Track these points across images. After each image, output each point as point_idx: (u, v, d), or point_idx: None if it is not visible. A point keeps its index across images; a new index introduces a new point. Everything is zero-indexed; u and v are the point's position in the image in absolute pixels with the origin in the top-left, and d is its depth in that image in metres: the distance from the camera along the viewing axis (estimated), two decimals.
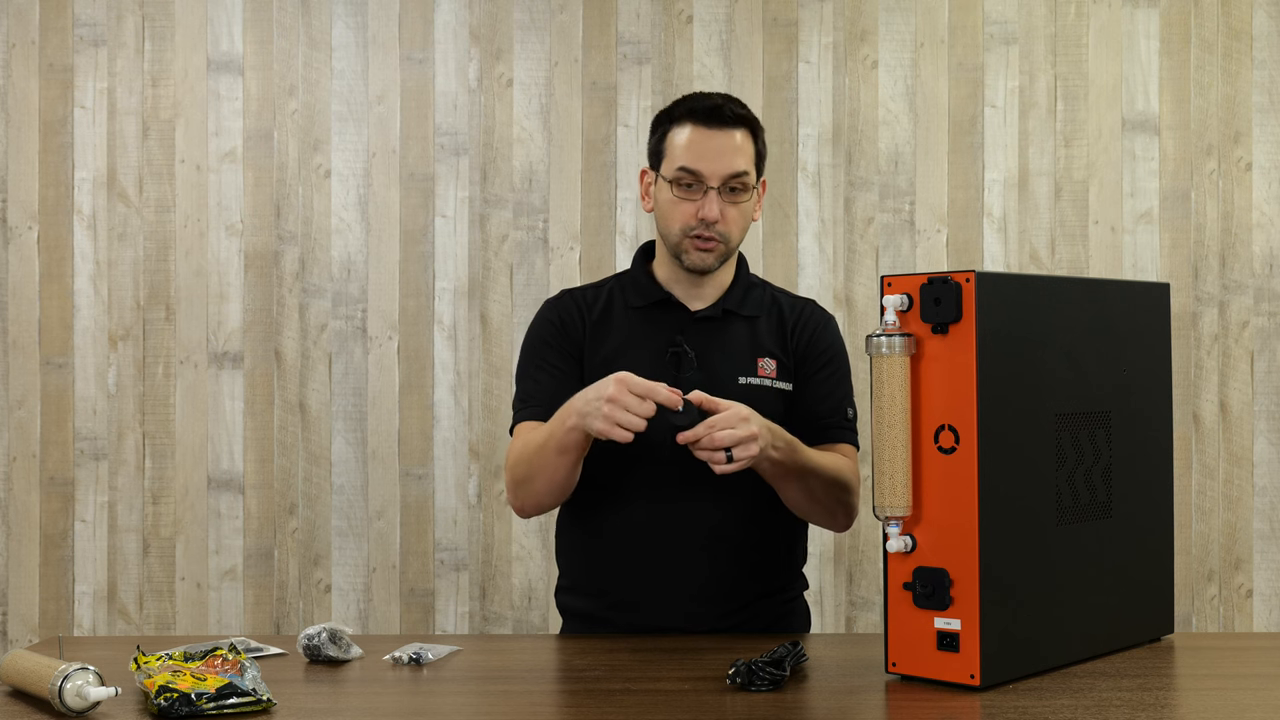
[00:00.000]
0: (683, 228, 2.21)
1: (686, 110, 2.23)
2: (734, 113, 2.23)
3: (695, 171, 2.20)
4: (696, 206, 2.20)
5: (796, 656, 1.84)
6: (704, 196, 2.20)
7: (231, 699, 1.68)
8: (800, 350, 2.30)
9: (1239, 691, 1.79)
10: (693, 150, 2.20)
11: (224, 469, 3.50)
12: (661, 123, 2.27)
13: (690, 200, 2.20)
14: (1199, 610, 3.48)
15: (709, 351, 2.24)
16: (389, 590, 3.49)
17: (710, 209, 2.19)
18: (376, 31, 3.51)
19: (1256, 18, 3.50)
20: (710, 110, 2.21)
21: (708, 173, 2.19)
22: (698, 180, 2.20)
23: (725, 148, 2.20)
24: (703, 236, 2.21)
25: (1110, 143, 3.50)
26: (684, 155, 2.20)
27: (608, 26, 3.51)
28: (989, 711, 1.66)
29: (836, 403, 2.29)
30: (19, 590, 3.49)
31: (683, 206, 2.21)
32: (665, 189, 2.23)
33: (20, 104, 3.51)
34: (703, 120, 2.21)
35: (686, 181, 2.20)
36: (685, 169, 2.20)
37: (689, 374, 2.20)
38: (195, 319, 3.50)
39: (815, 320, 2.34)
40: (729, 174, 2.20)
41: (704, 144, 2.20)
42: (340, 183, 3.51)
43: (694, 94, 2.29)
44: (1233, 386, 3.49)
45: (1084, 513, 1.89)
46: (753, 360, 2.26)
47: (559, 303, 2.34)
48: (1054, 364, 1.85)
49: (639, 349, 2.24)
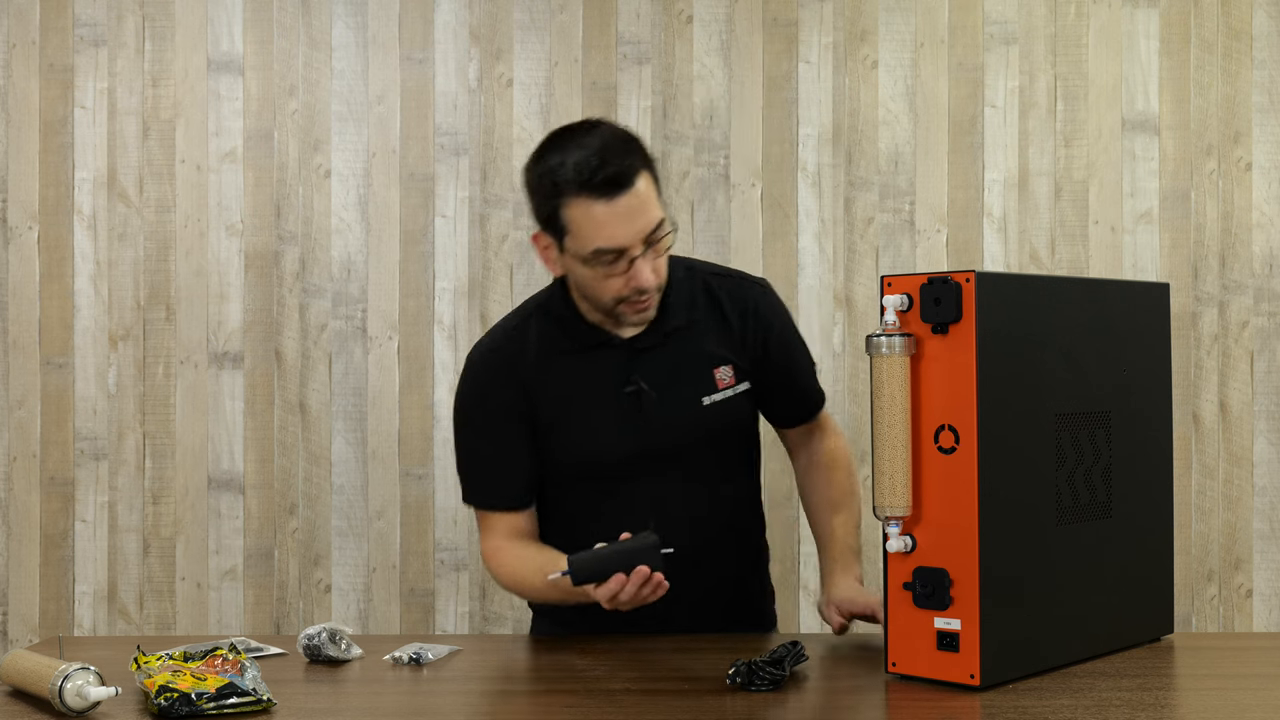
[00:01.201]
0: (614, 298, 2.05)
1: (578, 183, 1.98)
2: (627, 164, 1.99)
3: (613, 250, 1.99)
4: (625, 278, 2.02)
5: (796, 656, 1.84)
6: (630, 266, 2.01)
7: (231, 699, 1.68)
8: (759, 344, 2.20)
9: (1239, 691, 1.79)
10: (604, 229, 1.98)
11: (224, 469, 3.50)
12: (548, 192, 2.02)
13: (615, 274, 2.02)
14: (1199, 610, 3.48)
15: (664, 380, 2.13)
16: (389, 590, 3.49)
17: (643, 277, 2.01)
18: (376, 31, 3.52)
19: (1256, 18, 3.50)
20: (606, 181, 1.97)
21: (628, 244, 1.99)
22: (617, 255, 2.00)
23: (634, 208, 1.98)
24: (637, 300, 2.05)
25: (1110, 143, 3.50)
26: (595, 236, 1.99)
27: (608, 26, 3.51)
28: (989, 711, 1.66)
29: (806, 380, 2.27)
30: (19, 590, 3.49)
31: (609, 282, 2.03)
32: (578, 266, 2.04)
33: (20, 104, 3.51)
34: (602, 193, 1.97)
35: (606, 260, 2.01)
36: (602, 250, 2.00)
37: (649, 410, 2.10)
38: (195, 319, 3.50)
39: (758, 304, 2.21)
40: (648, 233, 2.01)
41: (612, 217, 1.97)
42: (340, 183, 3.51)
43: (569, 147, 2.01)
44: (1233, 386, 3.49)
45: (1084, 513, 1.89)
46: (709, 375, 2.15)
47: (485, 364, 2.16)
48: (1054, 364, 1.85)
49: (592, 399, 2.12)
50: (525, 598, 2.22)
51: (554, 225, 2.03)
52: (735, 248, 3.49)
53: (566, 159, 2.00)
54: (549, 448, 2.15)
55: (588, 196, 1.97)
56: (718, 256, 3.47)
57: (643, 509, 2.07)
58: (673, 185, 3.49)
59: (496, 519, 2.18)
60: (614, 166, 1.98)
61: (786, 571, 3.45)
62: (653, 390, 2.11)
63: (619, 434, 2.11)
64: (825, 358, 3.47)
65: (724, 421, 2.17)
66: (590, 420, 2.10)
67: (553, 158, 2.02)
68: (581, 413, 2.11)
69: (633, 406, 2.12)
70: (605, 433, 2.11)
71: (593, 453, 2.12)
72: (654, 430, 2.12)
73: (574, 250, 2.02)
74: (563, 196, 1.99)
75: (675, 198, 3.47)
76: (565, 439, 2.13)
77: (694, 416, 2.13)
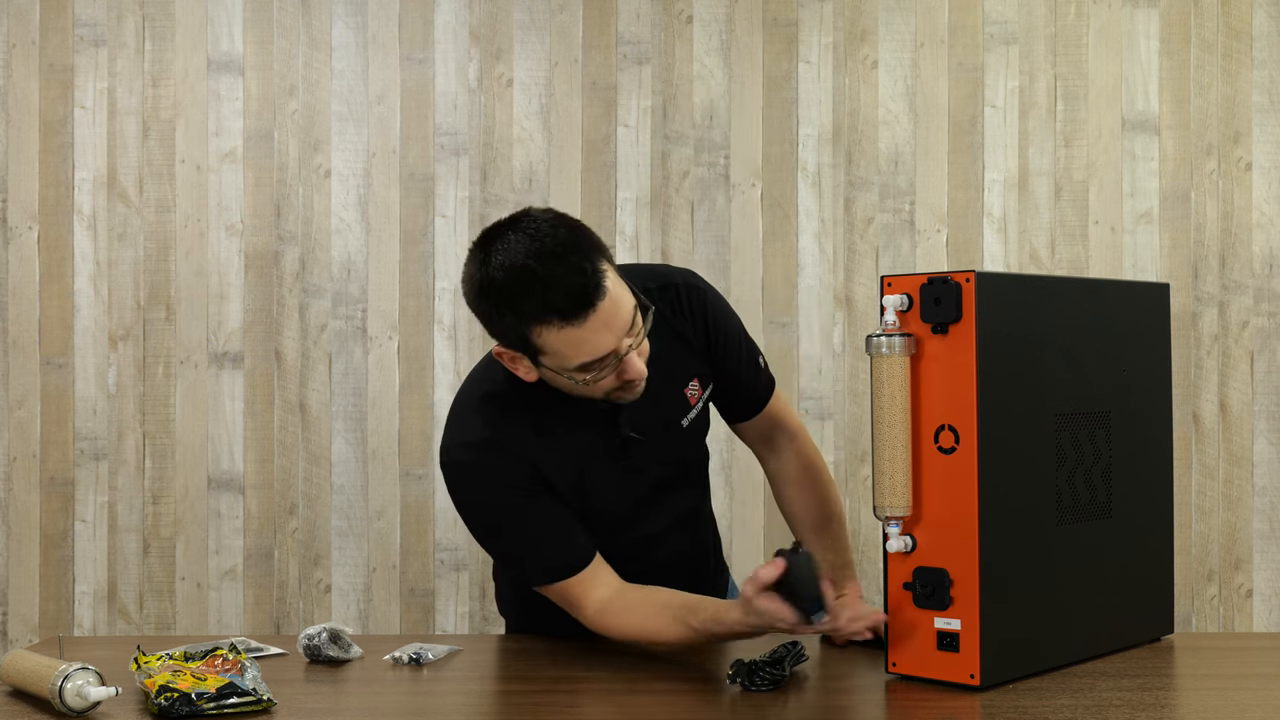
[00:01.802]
0: (604, 393, 1.95)
1: (545, 315, 1.82)
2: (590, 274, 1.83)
3: (597, 360, 1.87)
4: (614, 377, 1.91)
5: (796, 656, 1.84)
6: (618, 364, 1.89)
7: (231, 699, 1.68)
8: (711, 346, 2.13)
9: (1239, 691, 1.79)
10: (586, 347, 1.85)
11: (224, 469, 3.50)
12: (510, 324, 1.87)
13: (604, 375, 1.90)
14: (1199, 610, 3.48)
15: (646, 417, 2.06)
16: (389, 590, 3.49)
17: (635, 369, 1.90)
18: (376, 31, 3.51)
19: (1256, 18, 3.50)
20: (575, 303, 1.82)
21: (611, 347, 1.87)
22: (600, 363, 1.88)
23: (609, 318, 1.85)
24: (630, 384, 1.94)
25: (1110, 143, 3.50)
26: (577, 355, 1.86)
27: (608, 26, 3.51)
28: (989, 711, 1.66)
29: (754, 369, 2.19)
30: (19, 590, 3.49)
31: (599, 384, 1.92)
32: (559, 378, 1.92)
33: (20, 104, 3.51)
34: (568, 317, 1.82)
35: (594, 369, 1.88)
36: (587, 365, 1.87)
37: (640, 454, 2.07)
38: (195, 319, 3.50)
39: (704, 305, 2.11)
40: (627, 328, 1.88)
41: (591, 333, 1.84)
42: (340, 183, 3.51)
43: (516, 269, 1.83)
44: (1233, 386, 3.49)
45: (1084, 513, 1.89)
46: (681, 396, 2.10)
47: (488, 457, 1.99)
48: (1054, 364, 1.85)
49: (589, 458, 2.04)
50: (657, 645, 2.00)
51: (525, 347, 1.89)
52: (735, 248, 3.49)
53: (519, 286, 1.83)
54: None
55: (558, 324, 1.83)
56: (717, 257, 3.47)
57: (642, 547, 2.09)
58: (672, 185, 3.49)
59: (581, 581, 2.00)
60: (577, 280, 1.82)
61: None
62: (639, 434, 2.06)
63: (619, 486, 2.08)
64: (825, 358, 3.47)
65: (698, 434, 2.16)
66: (592, 478, 2.05)
67: (505, 288, 1.85)
68: (585, 474, 2.05)
69: (623, 455, 2.07)
70: (606, 486, 2.06)
71: (601, 509, 2.08)
72: (648, 469, 2.10)
73: (554, 367, 1.89)
74: (530, 327, 1.85)
75: (675, 198, 3.48)
76: (576, 504, 2.08)
77: (671, 441, 2.11)
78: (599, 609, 1.99)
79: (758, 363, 2.19)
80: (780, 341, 3.46)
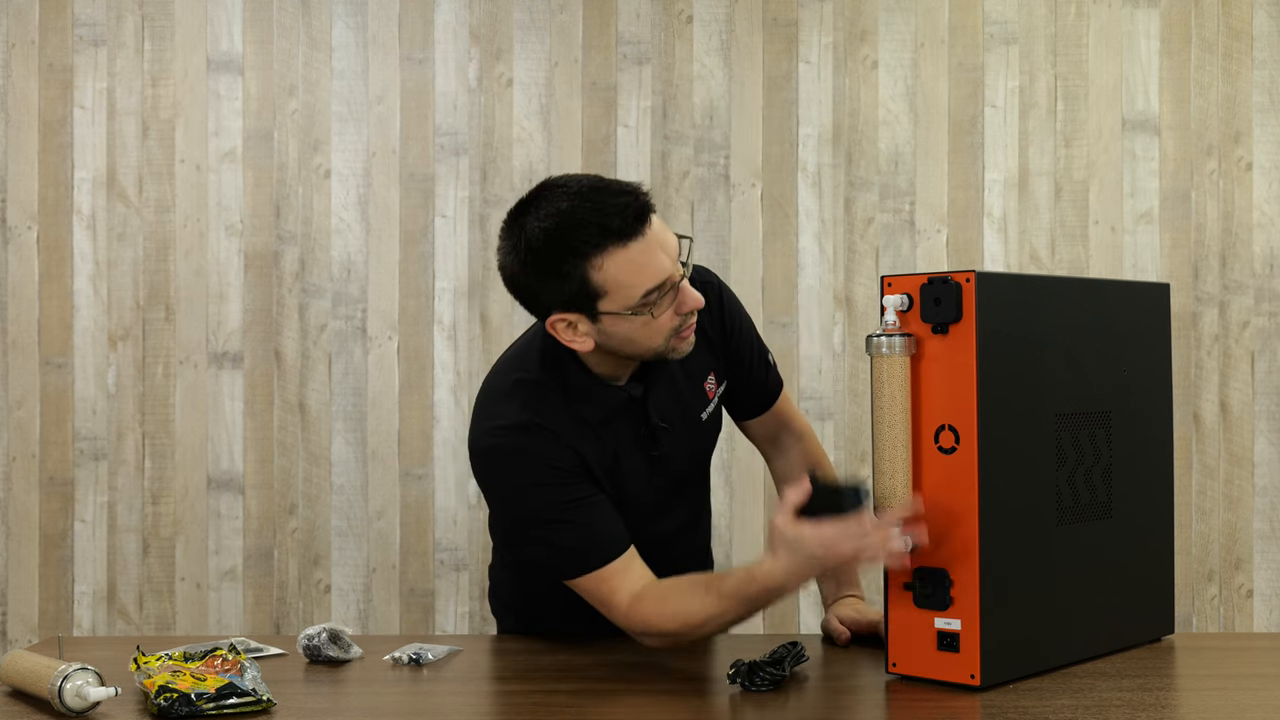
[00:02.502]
0: (667, 335, 1.93)
1: (605, 238, 1.85)
2: (640, 198, 1.88)
3: (661, 285, 1.88)
4: (673, 308, 1.91)
5: (796, 656, 1.84)
6: (676, 294, 1.90)
7: (231, 699, 1.67)
8: (727, 339, 2.15)
9: (1239, 691, 1.79)
10: (648, 269, 1.86)
11: (224, 469, 3.50)
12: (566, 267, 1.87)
13: (664, 309, 1.90)
14: (1199, 610, 3.48)
15: (670, 410, 2.07)
16: (389, 590, 3.49)
17: (693, 297, 1.92)
18: (376, 31, 3.51)
19: (1256, 18, 3.50)
20: (630, 219, 1.85)
21: (671, 271, 1.88)
22: (663, 289, 1.89)
23: (661, 236, 1.88)
24: (688, 326, 1.95)
25: (1110, 143, 3.50)
26: (641, 280, 1.86)
27: (608, 26, 3.51)
28: (989, 711, 1.66)
29: (764, 368, 2.21)
30: (19, 590, 3.49)
31: (660, 320, 1.91)
32: (624, 322, 1.90)
33: (20, 104, 3.51)
34: (628, 235, 1.84)
35: (655, 298, 1.88)
36: (651, 290, 1.87)
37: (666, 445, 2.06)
38: (195, 319, 3.50)
39: (721, 298, 2.13)
40: (677, 253, 1.91)
41: (650, 253, 1.86)
42: (340, 183, 3.51)
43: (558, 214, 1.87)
44: (1233, 386, 3.49)
45: (1084, 513, 1.89)
46: (701, 391, 2.11)
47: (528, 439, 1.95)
48: (1054, 364, 1.85)
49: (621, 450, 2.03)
50: (698, 633, 1.92)
51: (582, 297, 1.88)
52: (735, 248, 3.49)
53: (570, 223, 1.86)
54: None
55: (618, 245, 1.84)
56: (717, 256, 3.47)
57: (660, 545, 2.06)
58: (673, 185, 3.49)
59: (616, 573, 1.94)
60: (626, 200, 1.86)
61: None
62: (667, 424, 2.06)
63: (648, 476, 2.08)
64: (825, 358, 3.47)
65: (713, 430, 2.17)
66: (625, 467, 2.05)
67: (556, 233, 1.87)
68: (619, 462, 2.04)
69: (652, 445, 2.07)
70: (637, 476, 2.06)
71: (632, 499, 2.06)
72: (674, 460, 2.11)
73: (616, 308, 1.88)
74: (589, 260, 1.85)
75: (675, 197, 3.47)
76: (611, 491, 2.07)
77: (691, 434, 2.12)
78: (634, 599, 1.92)
79: (768, 360, 2.21)
80: (780, 341, 3.46)
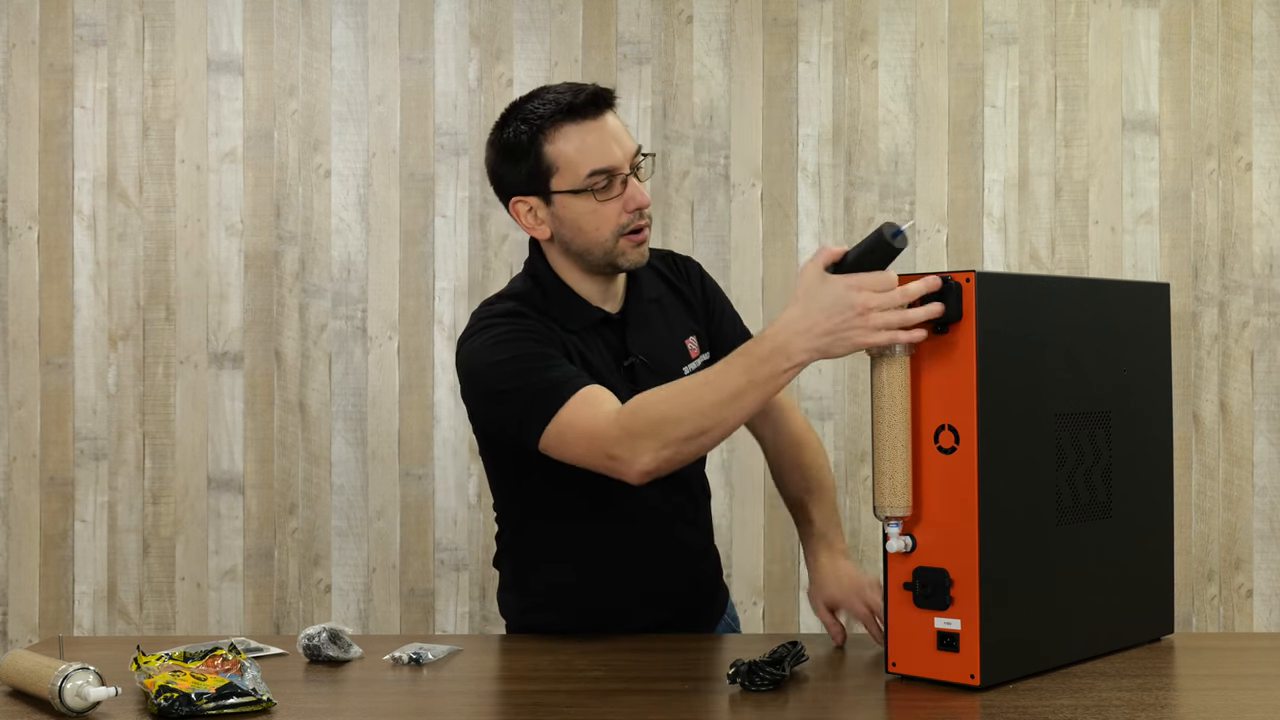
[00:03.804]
0: (614, 230, 2.05)
1: (555, 113, 2.02)
2: (603, 94, 2.05)
3: (608, 169, 2.02)
4: (620, 202, 2.04)
5: (796, 656, 1.84)
6: (623, 188, 2.04)
7: (231, 699, 1.67)
8: (710, 311, 2.23)
9: (1239, 691, 1.79)
10: (597, 149, 2.02)
11: (224, 469, 3.50)
12: (526, 141, 2.04)
13: (610, 199, 2.04)
14: (1199, 610, 3.48)
15: (652, 352, 2.13)
16: (389, 590, 3.49)
17: (639, 195, 2.04)
18: (376, 31, 3.51)
19: (1256, 18, 3.50)
20: (585, 102, 2.03)
21: (620, 162, 2.03)
22: (610, 176, 2.03)
23: (617, 129, 2.05)
24: (636, 229, 2.06)
25: (1110, 143, 3.50)
26: (588, 158, 2.02)
27: (608, 26, 3.51)
28: (989, 711, 1.66)
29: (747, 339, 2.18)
30: (19, 590, 3.49)
31: (606, 208, 2.04)
32: (573, 202, 2.04)
33: (20, 104, 3.51)
34: (582, 115, 2.02)
35: (601, 184, 2.02)
36: (598, 171, 2.02)
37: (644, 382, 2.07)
38: (195, 319, 3.50)
39: (700, 272, 2.25)
40: (633, 154, 2.05)
41: (598, 136, 2.02)
42: (340, 183, 3.51)
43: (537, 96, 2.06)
44: (1233, 386, 3.49)
45: (1084, 513, 1.89)
46: (683, 345, 2.17)
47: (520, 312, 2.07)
48: (1054, 364, 1.85)
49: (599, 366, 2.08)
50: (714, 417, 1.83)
51: (538, 174, 2.04)
52: (735, 248, 3.49)
53: (538, 104, 2.04)
54: None
55: (573, 122, 2.01)
56: (717, 256, 3.47)
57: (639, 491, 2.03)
58: (673, 185, 3.49)
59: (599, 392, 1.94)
60: (590, 90, 2.04)
61: (787, 572, 3.45)
62: (645, 358, 2.11)
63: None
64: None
65: None
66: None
67: (521, 112, 2.05)
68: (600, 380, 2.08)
69: (630, 379, 2.10)
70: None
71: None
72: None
73: (566, 186, 2.03)
74: (545, 133, 2.02)
75: (675, 198, 3.48)
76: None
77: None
78: (622, 407, 1.89)
79: (749, 334, 2.23)
80: None
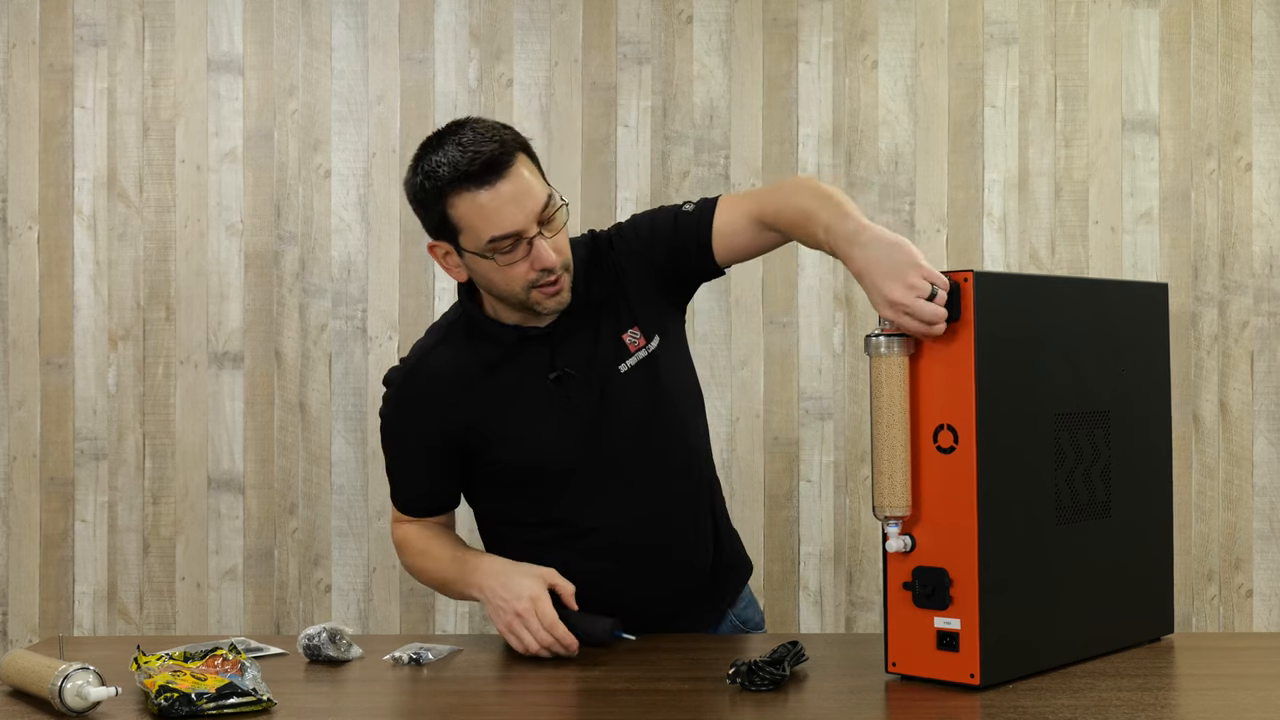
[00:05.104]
0: (524, 286, 2.04)
1: (454, 177, 1.99)
2: (502, 150, 2.01)
3: (508, 234, 2.00)
4: (527, 262, 2.02)
5: (796, 656, 1.84)
6: (530, 248, 2.01)
7: (231, 699, 1.68)
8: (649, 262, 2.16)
9: (1239, 691, 1.79)
10: (493, 217, 1.99)
11: (224, 469, 3.50)
12: (431, 198, 2.03)
13: (516, 260, 2.02)
14: (1199, 610, 3.48)
15: (585, 359, 2.12)
16: (389, 590, 3.49)
17: (545, 256, 2.01)
18: (376, 31, 3.52)
19: (1256, 18, 3.50)
20: (483, 167, 1.99)
21: (522, 226, 2.00)
22: (515, 239, 2.00)
23: (519, 190, 2.00)
24: (548, 283, 2.04)
25: (1110, 143, 3.50)
26: (487, 225, 2.00)
27: (608, 26, 3.51)
28: (989, 711, 1.66)
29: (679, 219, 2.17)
30: (19, 590, 3.49)
31: (512, 269, 2.02)
32: (479, 262, 2.04)
33: (20, 104, 3.51)
34: (480, 181, 1.99)
35: (505, 248, 2.00)
36: (497, 238, 2.00)
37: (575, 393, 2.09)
38: (195, 319, 3.50)
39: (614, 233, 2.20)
40: (538, 212, 2.01)
41: (498, 203, 1.99)
42: (340, 183, 3.51)
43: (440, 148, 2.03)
44: (1233, 386, 3.49)
45: (1083, 513, 1.89)
46: (619, 342, 2.13)
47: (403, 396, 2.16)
48: (1053, 364, 1.85)
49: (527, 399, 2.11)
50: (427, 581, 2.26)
51: (446, 229, 2.04)
52: None
53: (440, 160, 2.02)
54: (497, 459, 2.13)
55: (470, 189, 1.99)
56: None
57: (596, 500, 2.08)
58: (672, 185, 3.49)
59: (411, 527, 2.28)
60: (487, 154, 1.99)
61: (787, 572, 3.45)
62: (573, 369, 2.10)
63: (559, 429, 2.10)
64: (825, 358, 3.47)
65: (645, 384, 2.13)
66: (529, 421, 2.08)
67: (426, 163, 2.04)
68: (520, 416, 2.10)
69: (560, 392, 2.10)
70: (546, 429, 2.09)
71: (536, 450, 2.10)
72: (584, 412, 2.10)
73: (471, 247, 2.03)
74: (446, 197, 2.01)
75: (675, 198, 3.48)
76: (511, 447, 2.10)
77: (609, 384, 2.10)
78: (404, 534, 2.27)
79: (676, 211, 2.17)
80: (780, 341, 3.46)
